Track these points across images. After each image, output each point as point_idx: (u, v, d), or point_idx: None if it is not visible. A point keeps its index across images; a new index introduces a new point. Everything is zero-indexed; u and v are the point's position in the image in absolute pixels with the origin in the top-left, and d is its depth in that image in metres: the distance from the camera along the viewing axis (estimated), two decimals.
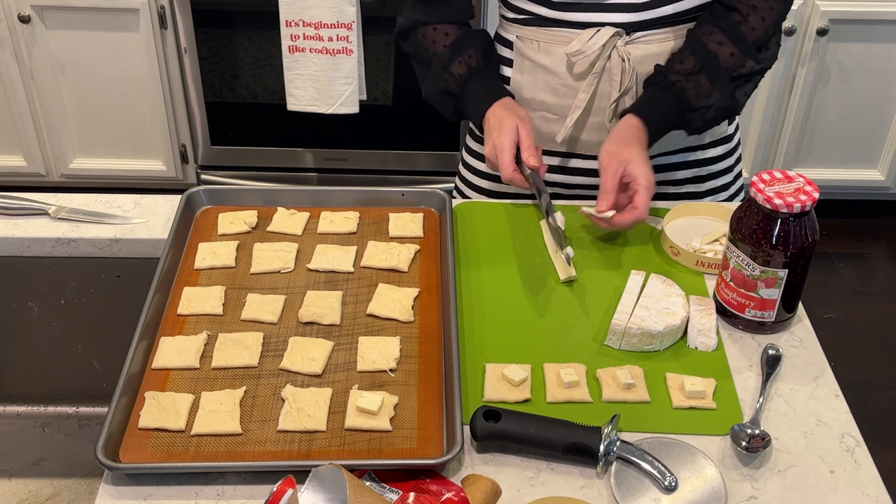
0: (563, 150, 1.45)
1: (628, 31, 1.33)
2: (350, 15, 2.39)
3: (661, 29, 1.34)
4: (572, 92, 1.38)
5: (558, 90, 1.39)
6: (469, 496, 0.94)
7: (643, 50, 1.34)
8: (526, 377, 1.10)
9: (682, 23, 1.35)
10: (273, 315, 1.18)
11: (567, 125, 1.38)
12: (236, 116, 2.78)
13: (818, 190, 1.12)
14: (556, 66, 1.38)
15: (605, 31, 1.32)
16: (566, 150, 1.45)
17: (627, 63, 1.33)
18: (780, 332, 1.21)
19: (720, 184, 1.51)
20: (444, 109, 1.44)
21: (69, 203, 1.39)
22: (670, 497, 0.98)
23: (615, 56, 1.33)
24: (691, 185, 1.48)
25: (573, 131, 1.41)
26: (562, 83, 1.38)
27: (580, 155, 1.45)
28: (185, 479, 0.99)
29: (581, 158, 1.45)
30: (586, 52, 1.33)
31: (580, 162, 1.45)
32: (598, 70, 1.34)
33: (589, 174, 1.45)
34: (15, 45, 2.65)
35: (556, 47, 1.37)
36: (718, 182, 1.50)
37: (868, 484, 1.01)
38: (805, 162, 2.95)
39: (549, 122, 1.42)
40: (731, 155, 1.51)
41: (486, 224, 1.38)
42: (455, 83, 1.39)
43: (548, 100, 1.41)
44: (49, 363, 1.46)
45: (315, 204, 1.39)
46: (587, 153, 1.44)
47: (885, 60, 2.75)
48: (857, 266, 2.97)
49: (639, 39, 1.34)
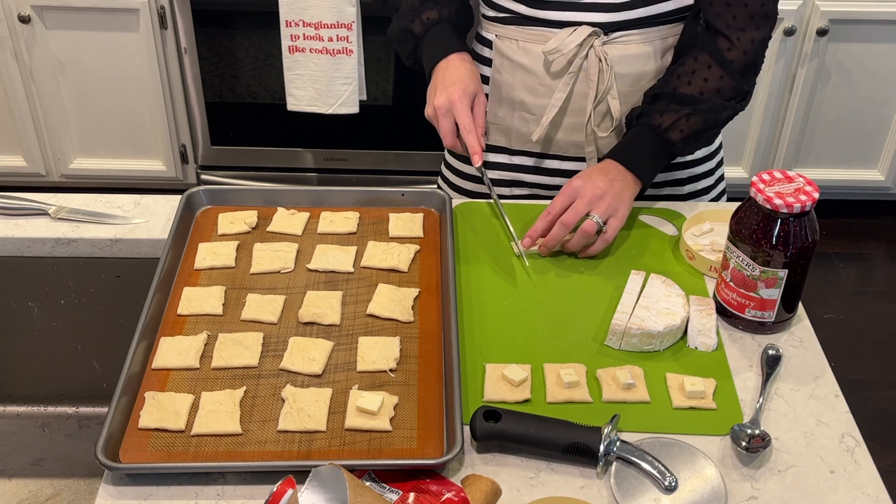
0: (539, 151, 1.45)
1: (606, 32, 1.33)
2: (350, 15, 2.39)
3: (640, 29, 1.34)
4: (549, 91, 1.38)
5: (536, 89, 1.39)
6: (469, 496, 0.94)
7: (621, 50, 1.34)
8: (526, 377, 1.10)
9: (660, 24, 1.34)
10: (273, 315, 1.18)
11: (543, 124, 1.38)
12: (236, 116, 2.78)
13: (818, 190, 1.12)
14: (533, 66, 1.38)
15: (583, 30, 1.32)
16: (542, 150, 1.45)
17: (605, 63, 1.33)
18: (780, 333, 1.21)
19: (701, 187, 1.50)
20: (402, 50, 1.44)
21: (69, 203, 1.39)
22: (670, 497, 0.98)
23: (592, 56, 1.33)
24: (670, 188, 1.48)
25: (549, 131, 1.42)
26: (539, 82, 1.39)
27: (557, 156, 1.45)
28: (185, 480, 0.99)
29: (558, 159, 1.45)
30: (563, 50, 1.33)
31: (557, 163, 1.46)
32: (575, 70, 1.35)
33: (566, 175, 1.45)
34: (15, 45, 2.65)
35: (535, 46, 1.37)
36: (699, 185, 1.50)
37: (868, 484, 1.01)
38: (805, 162, 2.95)
39: (528, 122, 1.42)
40: (712, 158, 1.50)
41: (486, 224, 1.38)
42: (421, 26, 1.39)
43: (526, 99, 1.41)
44: (49, 363, 1.46)
45: (315, 204, 1.39)
46: (563, 154, 1.44)
47: (885, 60, 2.75)
48: (857, 266, 2.97)
49: (617, 40, 1.34)
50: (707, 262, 1.28)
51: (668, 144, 1.32)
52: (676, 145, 1.33)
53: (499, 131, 1.47)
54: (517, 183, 1.49)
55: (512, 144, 1.47)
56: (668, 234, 1.37)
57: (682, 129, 1.31)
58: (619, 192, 1.29)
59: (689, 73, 1.31)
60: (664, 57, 1.37)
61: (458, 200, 1.44)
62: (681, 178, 1.48)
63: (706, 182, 1.51)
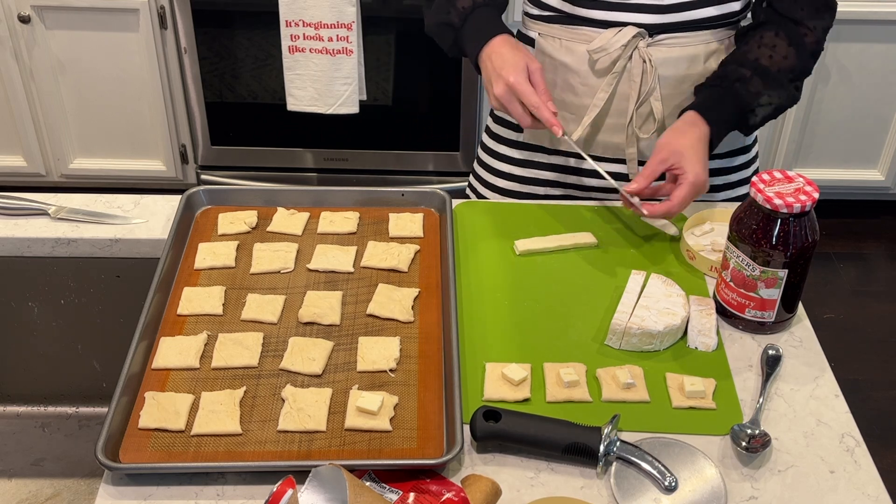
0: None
1: (651, 33, 1.33)
2: (350, 15, 2.39)
3: (685, 33, 1.33)
4: (591, 91, 1.37)
5: (578, 89, 1.39)
6: (469, 496, 0.94)
7: (665, 53, 1.34)
8: (526, 376, 1.10)
9: (706, 28, 1.34)
10: (273, 315, 1.18)
11: (584, 123, 1.37)
12: (236, 116, 2.78)
13: (818, 190, 1.12)
14: (576, 65, 1.37)
15: (628, 31, 1.32)
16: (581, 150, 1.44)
17: (649, 65, 1.33)
18: (780, 333, 1.21)
19: (734, 195, 1.49)
20: (443, 43, 1.41)
21: (69, 203, 1.39)
22: (670, 497, 0.98)
23: (636, 57, 1.33)
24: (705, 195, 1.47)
25: (590, 131, 1.41)
26: (582, 81, 1.38)
27: (595, 157, 1.43)
28: (185, 480, 0.99)
29: (596, 160, 1.44)
30: (608, 49, 1.32)
31: (596, 164, 1.44)
32: (619, 70, 1.34)
33: (603, 177, 1.44)
34: (15, 45, 2.65)
35: (579, 45, 1.36)
36: (733, 193, 1.49)
37: (868, 484, 1.01)
38: (805, 162, 2.95)
39: (567, 122, 1.41)
40: (748, 166, 1.49)
41: (486, 224, 1.38)
42: (457, 16, 1.36)
43: (567, 99, 1.40)
44: (49, 363, 1.46)
45: (315, 204, 1.39)
46: (603, 155, 1.43)
47: (885, 60, 2.75)
48: (857, 266, 2.97)
49: (662, 42, 1.33)
50: (708, 262, 1.28)
51: (746, 118, 1.33)
52: (754, 125, 1.34)
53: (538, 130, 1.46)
54: (554, 183, 1.49)
55: (552, 144, 1.46)
56: (669, 234, 1.37)
57: (765, 111, 1.32)
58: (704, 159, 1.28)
59: (770, 47, 1.31)
60: (707, 61, 1.36)
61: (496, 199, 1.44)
62: (716, 185, 1.47)
63: (741, 190, 1.50)
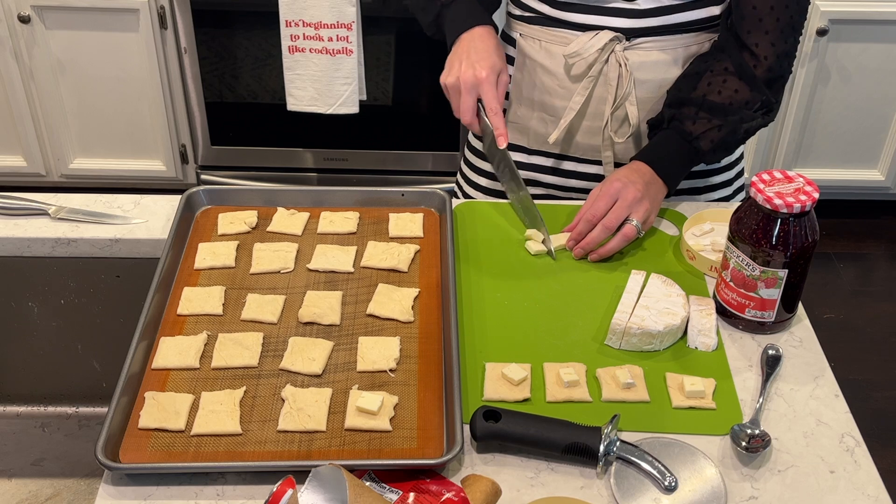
0: (557, 152, 1.45)
1: (628, 37, 1.33)
2: (350, 15, 2.39)
3: (662, 37, 1.33)
4: (569, 94, 1.38)
5: (556, 91, 1.39)
6: (469, 496, 0.94)
7: (642, 57, 1.34)
8: (525, 376, 1.10)
9: (683, 33, 1.34)
10: (273, 315, 1.18)
11: (560, 126, 1.38)
12: (236, 116, 2.78)
13: (818, 190, 1.12)
14: (555, 67, 1.38)
15: (604, 35, 1.32)
16: (560, 151, 1.45)
17: (625, 69, 1.33)
18: (780, 332, 1.21)
19: (717, 197, 1.49)
20: (423, 18, 1.39)
21: (69, 203, 1.39)
22: (670, 497, 0.98)
23: (612, 61, 1.33)
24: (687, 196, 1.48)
25: (567, 134, 1.42)
26: (559, 84, 1.39)
27: (574, 158, 1.45)
28: (185, 480, 0.99)
29: (575, 161, 1.45)
30: (583, 54, 1.33)
31: (574, 164, 1.46)
32: (595, 74, 1.34)
33: (583, 177, 1.46)
34: (15, 45, 2.65)
35: (557, 48, 1.37)
36: (715, 195, 1.49)
37: (868, 484, 1.01)
38: (805, 162, 2.95)
39: (546, 124, 1.43)
40: (731, 168, 1.49)
41: (486, 224, 1.38)
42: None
43: (546, 100, 1.41)
44: (49, 363, 1.46)
45: (315, 204, 1.39)
46: (581, 156, 1.44)
47: (885, 60, 2.75)
48: (857, 266, 2.97)
49: (638, 46, 1.34)
50: (708, 262, 1.28)
51: (698, 153, 1.32)
52: (706, 154, 1.32)
53: (517, 130, 1.46)
54: (534, 182, 1.49)
55: (530, 144, 1.46)
56: (669, 234, 1.37)
57: (713, 138, 1.30)
58: (654, 197, 1.29)
59: (720, 83, 1.29)
60: (685, 65, 1.36)
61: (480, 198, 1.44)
62: (698, 187, 1.47)
63: (725, 192, 1.50)
